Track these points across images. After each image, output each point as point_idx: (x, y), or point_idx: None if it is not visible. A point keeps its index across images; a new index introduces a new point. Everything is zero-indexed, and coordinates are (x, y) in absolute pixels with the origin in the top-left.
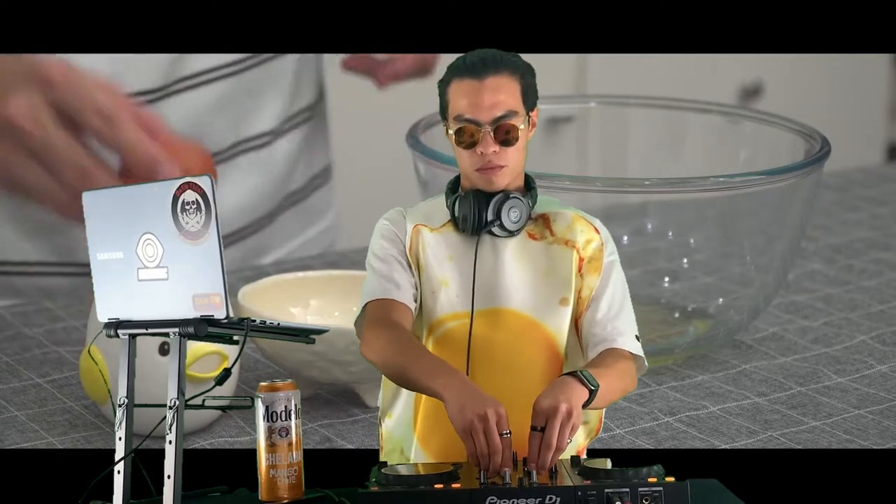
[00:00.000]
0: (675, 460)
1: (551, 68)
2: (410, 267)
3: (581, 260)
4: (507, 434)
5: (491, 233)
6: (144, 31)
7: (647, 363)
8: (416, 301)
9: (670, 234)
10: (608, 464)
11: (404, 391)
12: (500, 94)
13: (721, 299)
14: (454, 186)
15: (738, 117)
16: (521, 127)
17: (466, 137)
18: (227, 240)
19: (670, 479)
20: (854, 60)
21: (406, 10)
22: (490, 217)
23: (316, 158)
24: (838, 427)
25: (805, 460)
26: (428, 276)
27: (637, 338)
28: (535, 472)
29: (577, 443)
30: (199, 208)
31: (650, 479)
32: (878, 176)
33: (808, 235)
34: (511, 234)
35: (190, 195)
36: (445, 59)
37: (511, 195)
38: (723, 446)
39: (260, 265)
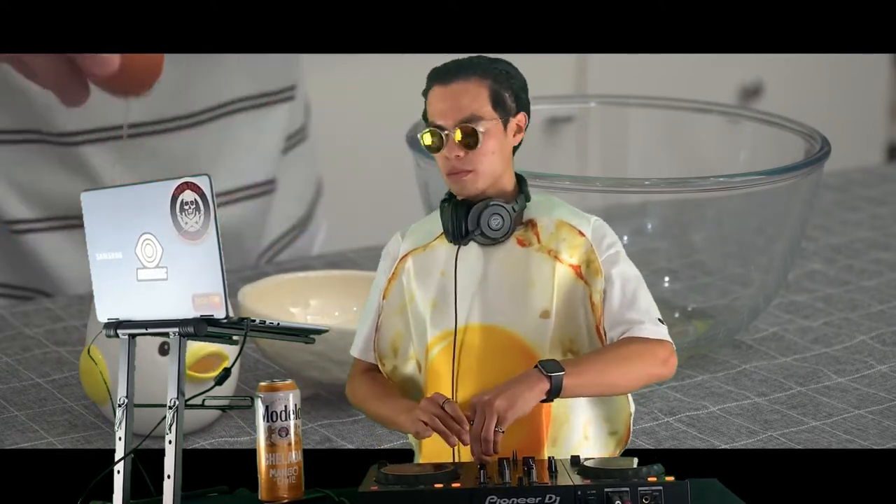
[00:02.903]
0: (675, 460)
1: (551, 68)
2: (380, 311)
3: (576, 268)
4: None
5: (475, 241)
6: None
7: (673, 344)
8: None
9: (670, 234)
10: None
11: None
12: (464, 98)
13: (721, 299)
14: (449, 196)
15: (738, 117)
16: (482, 130)
17: (432, 141)
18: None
19: (670, 478)
20: (854, 60)
21: (406, 11)
22: (471, 226)
23: (309, 177)
24: (838, 427)
25: (805, 460)
26: (417, 303)
27: (660, 321)
28: (481, 462)
29: (608, 448)
30: (198, 208)
31: (650, 479)
32: (878, 176)
33: (808, 235)
34: (495, 241)
35: (189, 195)
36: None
37: (492, 202)
38: (723, 446)
39: (260, 265)
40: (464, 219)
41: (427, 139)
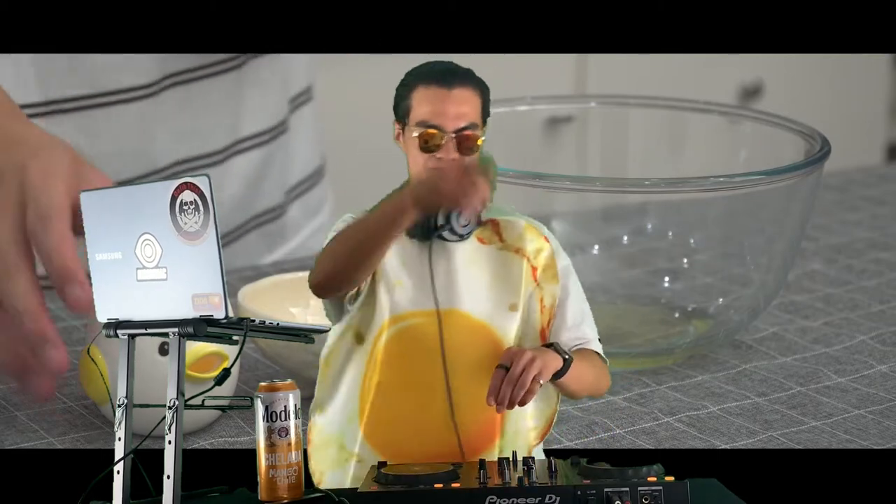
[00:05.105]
0: (675, 460)
1: (551, 68)
2: None
3: (534, 269)
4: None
5: (442, 237)
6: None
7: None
8: None
9: (670, 234)
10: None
11: (343, 386)
12: (466, 105)
13: (721, 299)
14: None
15: (738, 117)
16: (483, 139)
17: (429, 142)
18: (233, 235)
19: (670, 478)
20: (854, 60)
21: (405, 11)
22: (440, 222)
23: (313, 142)
24: (838, 427)
25: (805, 460)
26: (384, 271)
27: (599, 340)
28: (497, 407)
29: (528, 442)
30: (197, 208)
31: (650, 479)
32: (878, 176)
33: (808, 235)
34: (461, 237)
35: (188, 195)
36: None
37: None
38: (723, 446)
39: (260, 265)
40: (433, 215)
41: (428, 139)
